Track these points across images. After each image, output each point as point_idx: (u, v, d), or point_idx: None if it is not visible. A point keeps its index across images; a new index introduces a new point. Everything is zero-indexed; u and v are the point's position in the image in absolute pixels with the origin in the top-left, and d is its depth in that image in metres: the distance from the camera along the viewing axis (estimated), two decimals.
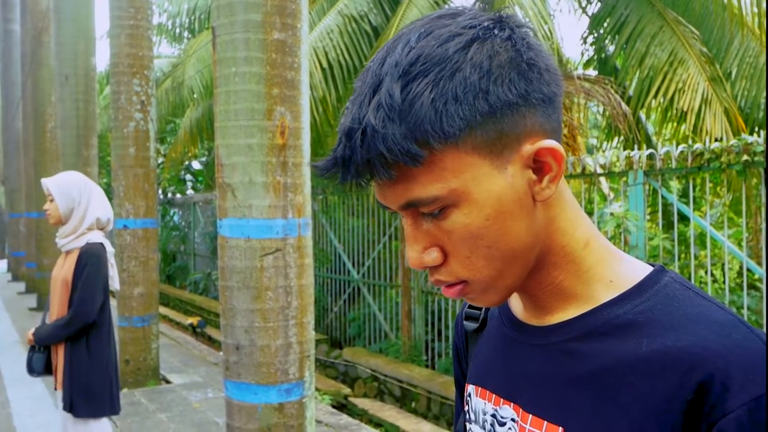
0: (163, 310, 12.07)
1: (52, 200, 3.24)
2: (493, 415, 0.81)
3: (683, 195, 5.95)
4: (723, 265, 5.81)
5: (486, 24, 0.68)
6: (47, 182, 3.28)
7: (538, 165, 0.69)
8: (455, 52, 0.65)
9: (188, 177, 17.33)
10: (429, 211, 0.68)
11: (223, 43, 3.71)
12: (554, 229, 0.73)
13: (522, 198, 0.69)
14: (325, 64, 8.27)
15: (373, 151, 0.64)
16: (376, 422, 6.74)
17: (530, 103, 0.68)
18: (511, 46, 0.67)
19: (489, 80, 0.65)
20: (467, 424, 0.89)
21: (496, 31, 0.68)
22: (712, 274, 6.12)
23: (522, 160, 0.69)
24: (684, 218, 5.93)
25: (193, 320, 11.63)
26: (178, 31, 15.24)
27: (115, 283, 3.43)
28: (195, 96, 12.18)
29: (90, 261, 3.18)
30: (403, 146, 0.64)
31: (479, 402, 0.84)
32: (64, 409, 3.18)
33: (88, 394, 3.18)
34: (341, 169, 0.67)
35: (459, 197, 0.67)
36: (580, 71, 8.58)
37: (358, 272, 9.37)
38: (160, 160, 14.92)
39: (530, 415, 0.74)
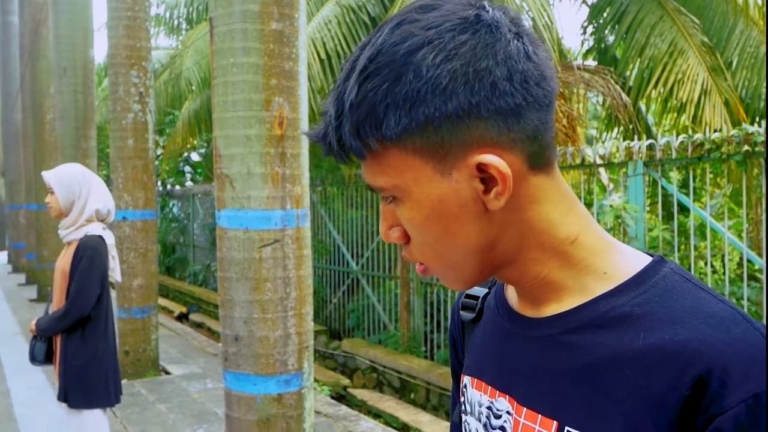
0: (162, 301, 12.09)
1: (52, 193, 3.24)
2: (489, 408, 0.80)
3: (683, 186, 5.94)
4: (723, 256, 5.81)
5: (448, 25, 0.65)
6: (47, 175, 3.28)
7: (486, 176, 0.67)
8: (404, 54, 0.64)
9: (187, 169, 17.32)
10: (383, 195, 0.72)
11: (221, 33, 3.70)
12: (527, 229, 0.71)
13: (468, 204, 0.68)
14: (323, 55, 8.24)
15: (332, 137, 0.69)
16: (375, 413, 6.76)
17: (477, 114, 0.65)
18: (466, 52, 0.64)
19: (429, 89, 0.64)
20: (463, 415, 0.88)
21: (454, 34, 0.65)
22: (712, 265, 6.12)
23: (468, 169, 0.67)
24: (684, 209, 5.93)
25: (182, 309, 11.64)
26: (176, 22, 15.20)
27: (116, 275, 3.43)
28: (193, 87, 12.16)
29: (86, 253, 3.18)
30: (348, 140, 0.67)
31: (475, 394, 0.83)
32: (59, 398, 3.20)
33: (81, 384, 3.19)
34: (321, 143, 0.71)
35: (402, 193, 0.69)
36: (579, 61, 8.55)
37: (357, 264, 9.37)
38: (159, 151, 14.91)
39: (525, 408, 0.73)
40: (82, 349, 3.22)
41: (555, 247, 0.72)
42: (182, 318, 11.12)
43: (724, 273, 5.81)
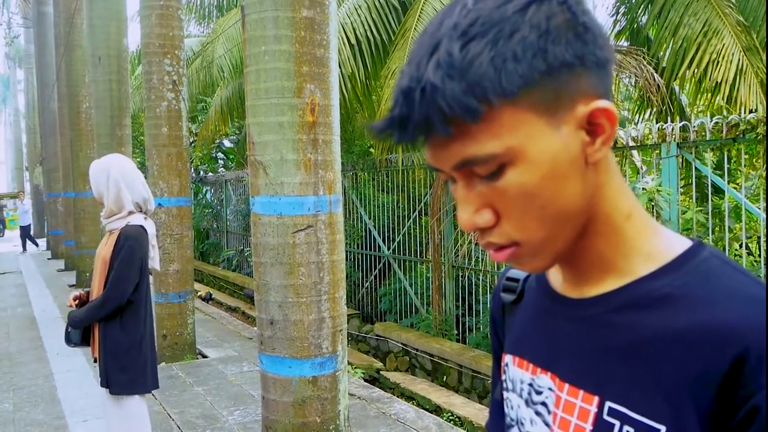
0: (197, 286, 12.29)
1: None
2: (530, 384, 0.83)
3: (718, 167, 5.87)
4: (758, 237, 5.75)
5: None
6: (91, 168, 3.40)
7: (592, 126, 0.70)
8: (513, 13, 0.66)
9: (220, 155, 17.51)
10: (485, 170, 0.69)
11: (253, 21, 3.74)
12: (601, 196, 0.74)
13: (575, 159, 0.70)
14: (353, 41, 8.26)
15: (432, 108, 0.65)
16: (408, 395, 6.82)
17: (585, 64, 0.68)
18: (567, 9, 0.68)
19: (547, 40, 0.66)
20: (505, 392, 0.91)
21: None
22: (747, 247, 6.04)
23: (576, 121, 0.69)
24: (718, 191, 5.86)
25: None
26: (207, 10, 15.32)
27: (155, 264, 3.49)
28: (225, 75, 12.26)
29: (126, 243, 3.25)
30: (462, 101, 0.64)
31: (517, 371, 0.87)
32: (101, 385, 3.28)
33: (122, 370, 3.26)
34: (397, 129, 0.67)
35: (515, 155, 0.68)
36: (612, 43, 8.44)
37: (389, 248, 9.42)
38: (192, 139, 15.09)
39: (567, 384, 0.76)
40: (121, 335, 3.29)
41: (615, 221, 0.75)
42: (207, 300, 11.50)
43: (759, 255, 5.75)
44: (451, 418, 6.00)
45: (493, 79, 0.65)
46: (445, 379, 7.31)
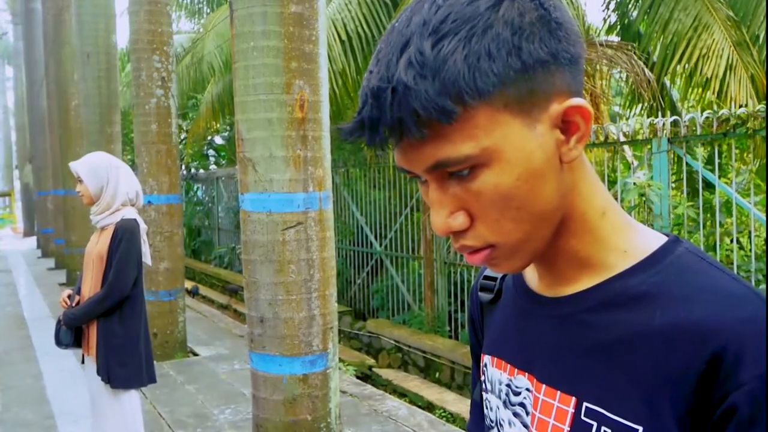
0: (189, 284, 12.24)
1: (81, 181, 3.30)
2: (508, 385, 0.82)
3: (708, 162, 5.86)
4: (749, 232, 5.74)
5: None
6: (75, 165, 3.33)
7: (566, 125, 0.68)
8: (486, 9, 0.64)
9: (211, 152, 17.43)
10: (458, 169, 0.67)
11: (241, 17, 3.71)
12: (576, 194, 0.72)
13: (550, 159, 0.68)
14: (344, 37, 8.22)
15: (405, 109, 0.62)
16: (400, 392, 6.81)
17: (559, 61, 0.67)
18: (539, 5, 0.66)
19: (521, 37, 0.64)
20: (484, 393, 0.90)
21: None
22: (738, 242, 6.04)
23: (550, 120, 0.67)
24: (709, 186, 5.86)
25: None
26: (197, 6, 15.25)
27: (147, 259, 3.48)
28: (215, 71, 12.20)
29: (125, 236, 3.25)
30: (437, 102, 0.62)
31: (495, 372, 0.85)
32: (102, 380, 3.26)
33: (122, 365, 3.26)
34: (368, 131, 0.65)
35: (490, 156, 0.66)
36: (602, 38, 8.44)
37: (381, 244, 9.40)
38: (183, 136, 15.02)
39: (544, 385, 0.75)
40: (120, 329, 3.29)
41: (590, 219, 0.73)
42: (193, 294, 11.54)
43: (750, 249, 5.75)
44: (443, 414, 5.99)
45: (468, 79, 0.62)
46: (437, 375, 7.30)
